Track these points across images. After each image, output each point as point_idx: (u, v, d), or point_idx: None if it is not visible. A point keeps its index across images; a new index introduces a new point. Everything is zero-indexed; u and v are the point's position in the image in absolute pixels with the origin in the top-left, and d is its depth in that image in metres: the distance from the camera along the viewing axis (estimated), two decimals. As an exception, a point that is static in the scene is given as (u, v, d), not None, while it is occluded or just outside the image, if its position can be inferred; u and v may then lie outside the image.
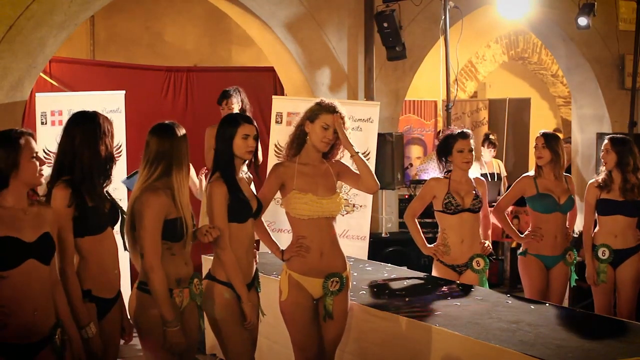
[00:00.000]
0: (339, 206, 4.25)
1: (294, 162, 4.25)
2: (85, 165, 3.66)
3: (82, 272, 3.66)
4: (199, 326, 3.97)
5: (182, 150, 3.86)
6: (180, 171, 3.83)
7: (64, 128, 3.78)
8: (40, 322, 3.30)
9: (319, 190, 4.20)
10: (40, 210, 3.39)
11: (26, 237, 3.28)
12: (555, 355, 3.46)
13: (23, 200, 3.34)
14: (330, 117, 4.19)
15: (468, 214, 5.26)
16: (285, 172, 4.23)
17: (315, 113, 4.22)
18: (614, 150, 5.63)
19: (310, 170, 4.24)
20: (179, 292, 3.83)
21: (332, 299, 4.21)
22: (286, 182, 4.22)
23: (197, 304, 3.94)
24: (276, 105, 7.45)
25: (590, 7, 8.52)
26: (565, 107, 13.99)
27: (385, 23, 7.88)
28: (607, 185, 5.67)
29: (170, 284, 3.80)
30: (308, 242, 4.19)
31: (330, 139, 4.21)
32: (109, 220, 3.77)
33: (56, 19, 6.55)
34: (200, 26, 10.81)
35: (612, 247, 5.67)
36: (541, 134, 5.64)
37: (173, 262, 3.82)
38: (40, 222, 3.37)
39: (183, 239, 3.82)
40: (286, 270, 4.24)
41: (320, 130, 4.19)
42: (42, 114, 6.55)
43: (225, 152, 4.06)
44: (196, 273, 3.97)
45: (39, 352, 3.30)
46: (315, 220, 4.18)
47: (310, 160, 4.26)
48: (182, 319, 3.87)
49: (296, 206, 4.17)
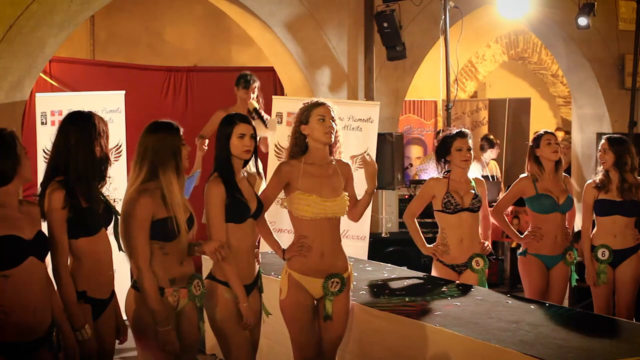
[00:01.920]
0: (343, 208, 4.25)
1: (300, 162, 4.24)
2: (80, 165, 3.64)
3: (77, 273, 3.65)
4: (198, 327, 3.95)
5: (167, 147, 3.79)
6: (166, 170, 3.76)
7: (58, 128, 3.77)
8: (38, 322, 3.31)
9: (323, 191, 4.19)
10: (29, 208, 3.41)
11: (25, 234, 3.29)
12: (555, 355, 3.46)
13: (16, 198, 3.36)
14: (321, 108, 4.21)
15: (467, 213, 5.27)
16: (290, 171, 4.22)
17: (306, 113, 4.24)
18: (612, 150, 5.63)
19: (316, 171, 4.23)
20: (172, 292, 3.80)
21: (333, 300, 4.21)
22: (291, 181, 4.21)
23: (197, 305, 3.92)
24: (276, 105, 7.46)
25: (590, 7, 8.52)
26: (565, 107, 13.99)
27: (385, 23, 7.88)
28: (605, 186, 5.66)
29: (163, 283, 3.77)
30: (309, 242, 4.19)
31: (331, 127, 4.21)
32: (103, 221, 3.76)
33: (56, 19, 6.55)
34: (200, 26, 10.81)
35: (612, 247, 5.66)
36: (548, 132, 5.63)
37: (166, 261, 3.80)
38: (33, 220, 3.39)
39: (176, 238, 3.79)
40: (286, 270, 4.25)
41: (318, 124, 4.19)
42: (42, 114, 6.55)
43: (223, 152, 4.06)
44: (197, 274, 3.95)
45: (36, 351, 3.31)
46: (318, 220, 4.18)
47: (317, 160, 4.26)
48: (180, 319, 3.86)
49: (299, 206, 4.17)
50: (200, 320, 3.95)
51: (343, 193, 4.26)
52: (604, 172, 5.68)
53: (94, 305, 3.70)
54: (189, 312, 3.90)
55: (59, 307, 3.48)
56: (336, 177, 4.27)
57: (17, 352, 3.24)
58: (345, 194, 4.26)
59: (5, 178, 3.27)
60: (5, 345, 3.22)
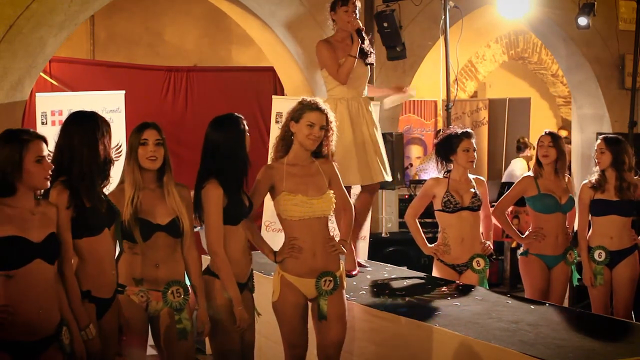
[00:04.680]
0: (330, 205, 4.23)
1: (282, 164, 4.23)
2: (84, 165, 3.65)
3: (81, 273, 3.66)
4: (179, 332, 3.91)
5: (129, 146, 3.93)
6: (125, 168, 3.92)
7: (62, 127, 3.77)
8: (45, 321, 3.32)
9: (308, 191, 4.18)
10: (45, 209, 3.41)
11: (33, 237, 3.30)
12: (556, 355, 3.46)
13: (31, 201, 3.36)
14: (314, 114, 4.19)
15: (467, 212, 5.27)
16: (274, 174, 4.21)
17: (299, 112, 4.23)
18: (609, 149, 5.61)
19: (299, 171, 4.22)
20: (136, 292, 3.88)
21: (327, 299, 4.20)
22: (276, 184, 4.20)
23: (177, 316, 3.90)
24: (276, 105, 7.46)
25: (590, 7, 8.52)
26: (565, 107, 13.98)
27: (385, 23, 7.88)
28: (601, 186, 5.64)
29: (126, 281, 3.87)
30: (300, 242, 4.17)
31: (317, 135, 4.19)
32: (105, 221, 3.76)
33: (56, 19, 6.55)
34: (200, 26, 10.81)
35: (608, 248, 5.64)
36: (547, 133, 5.64)
37: (133, 261, 3.90)
38: (47, 222, 3.39)
39: (146, 241, 3.86)
40: (279, 272, 4.23)
41: (305, 128, 4.18)
42: (42, 114, 6.56)
43: (230, 153, 4.05)
44: (177, 280, 3.94)
45: (45, 350, 3.32)
46: (307, 220, 4.17)
47: (299, 160, 4.24)
48: (157, 324, 3.93)
49: (286, 207, 4.16)
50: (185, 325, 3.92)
51: (328, 191, 4.23)
52: (600, 172, 5.66)
53: (97, 304, 3.71)
54: (167, 319, 3.92)
55: (65, 306, 3.50)
56: (319, 176, 4.25)
57: (24, 351, 3.26)
58: (330, 192, 4.24)
59: (10, 189, 3.28)
60: (12, 344, 3.24)
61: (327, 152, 4.30)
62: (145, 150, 3.90)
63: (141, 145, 3.91)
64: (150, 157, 3.90)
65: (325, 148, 4.29)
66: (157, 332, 3.97)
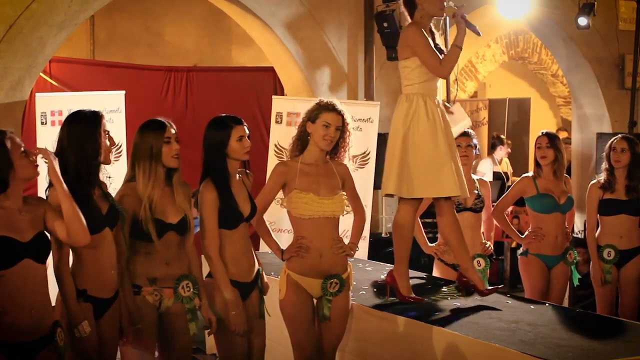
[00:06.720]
0: (341, 207, 4.24)
1: (296, 162, 4.25)
2: (83, 165, 3.65)
3: (78, 271, 3.66)
4: (189, 311, 3.93)
5: (147, 145, 3.86)
6: (139, 168, 3.86)
7: (62, 127, 3.77)
8: (38, 321, 3.31)
9: (320, 190, 4.20)
10: (34, 209, 3.39)
11: (22, 236, 3.28)
12: (555, 355, 3.46)
13: (19, 200, 3.35)
14: (330, 115, 4.20)
15: (469, 213, 5.27)
16: (287, 171, 4.23)
17: (316, 113, 4.23)
18: (630, 150, 5.60)
19: (313, 170, 4.24)
20: (151, 291, 3.87)
21: (331, 301, 4.21)
22: (288, 181, 4.22)
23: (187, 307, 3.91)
24: (276, 105, 7.46)
25: (590, 7, 8.53)
26: (565, 107, 13.99)
27: (385, 23, 7.88)
28: (611, 186, 5.64)
29: (141, 281, 3.87)
30: (308, 242, 4.18)
31: (332, 136, 4.20)
32: (106, 221, 3.75)
33: (56, 19, 6.56)
34: (200, 26, 10.82)
35: (618, 247, 5.64)
36: (544, 134, 5.64)
37: (146, 261, 3.89)
38: (36, 221, 3.37)
39: (160, 239, 3.85)
40: (285, 270, 4.25)
41: (321, 129, 4.20)
42: (42, 114, 6.55)
43: (218, 157, 4.04)
44: (187, 275, 3.95)
45: (40, 351, 3.31)
46: (316, 220, 4.18)
47: (314, 160, 4.26)
48: (167, 320, 3.91)
49: (297, 205, 4.17)
50: (193, 321, 3.95)
51: (340, 192, 4.25)
52: (609, 172, 5.66)
53: (95, 304, 3.70)
54: (177, 314, 3.92)
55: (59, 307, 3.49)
56: (333, 177, 4.27)
57: (19, 352, 3.25)
58: (342, 193, 4.26)
59: (3, 185, 3.27)
60: (6, 345, 3.23)
61: (343, 154, 4.31)
62: (170, 148, 3.88)
63: (165, 144, 3.87)
64: (174, 155, 3.90)
65: (342, 150, 4.30)
66: (162, 327, 3.95)
